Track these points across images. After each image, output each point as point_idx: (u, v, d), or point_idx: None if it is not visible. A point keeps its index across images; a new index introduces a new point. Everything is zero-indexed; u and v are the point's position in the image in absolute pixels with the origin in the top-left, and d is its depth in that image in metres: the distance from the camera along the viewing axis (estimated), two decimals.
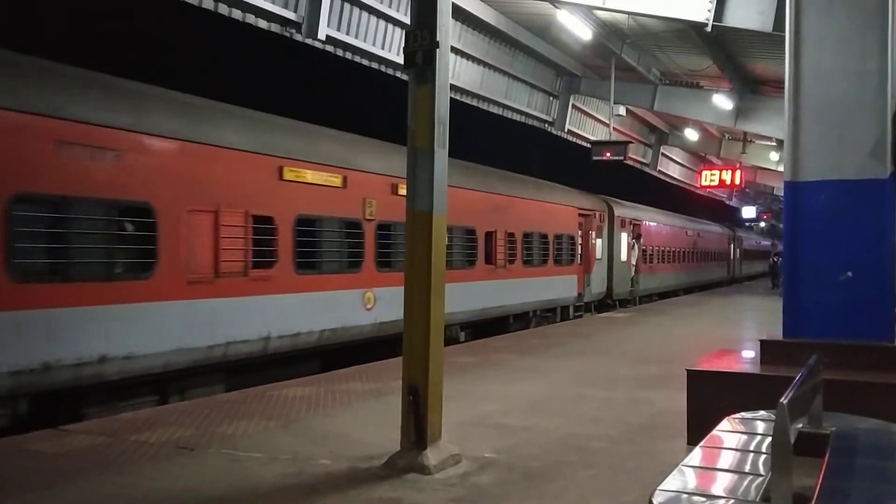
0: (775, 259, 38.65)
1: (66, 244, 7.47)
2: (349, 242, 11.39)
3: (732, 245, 43.80)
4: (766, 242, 60.71)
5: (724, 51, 17.67)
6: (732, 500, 3.47)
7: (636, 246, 25.32)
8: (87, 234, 7.71)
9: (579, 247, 20.44)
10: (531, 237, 17.48)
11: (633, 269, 25.07)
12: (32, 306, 7.10)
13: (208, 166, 8.95)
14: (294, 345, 10.31)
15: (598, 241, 21.84)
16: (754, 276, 49.23)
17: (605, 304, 22.96)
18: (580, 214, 20.65)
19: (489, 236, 15.53)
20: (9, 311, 6.87)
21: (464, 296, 14.12)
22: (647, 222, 26.83)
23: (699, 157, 37.22)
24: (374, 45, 14.93)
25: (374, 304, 11.68)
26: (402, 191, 10.94)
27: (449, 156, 5.82)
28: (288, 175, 10.14)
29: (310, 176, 10.53)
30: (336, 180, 11.01)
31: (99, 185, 7.74)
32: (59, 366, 7.31)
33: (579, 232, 20.49)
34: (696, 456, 4.08)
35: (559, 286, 19.05)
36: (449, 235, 12.98)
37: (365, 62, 15.31)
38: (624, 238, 23.93)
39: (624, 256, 24.01)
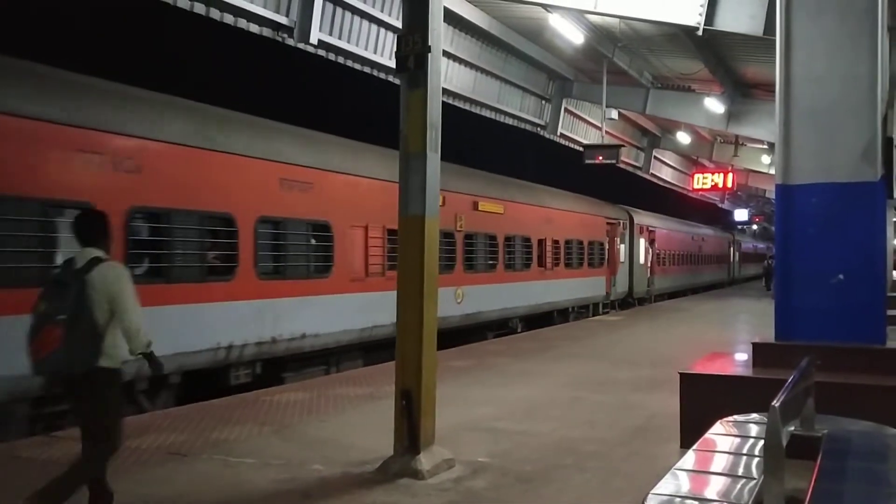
0: (769, 261, 38.87)
1: (285, 252, 10.44)
2: (446, 249, 14.06)
3: (732, 248, 46.40)
4: (762, 246, 60.92)
5: (716, 54, 17.72)
6: None
7: (651, 250, 28.02)
8: (296, 244, 10.72)
9: (607, 252, 23.40)
10: (571, 244, 20.68)
11: (648, 271, 27.76)
12: (267, 297, 10.03)
13: (361, 192, 11.96)
14: None
15: (622, 247, 24.88)
16: (751, 278, 50.81)
17: (627, 301, 25.62)
18: (608, 223, 23.63)
19: (541, 243, 18.70)
20: (256, 300, 9.85)
21: (523, 294, 17.46)
22: (661, 229, 29.71)
23: (691, 161, 37.29)
24: (366, 49, 14.91)
25: (463, 299, 14.88)
26: (482, 206, 15.75)
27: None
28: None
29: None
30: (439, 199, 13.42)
31: (302, 209, 10.72)
32: (280, 339, 10.26)
33: (607, 238, 23.45)
34: (689, 459, 4.08)
35: (592, 286, 22.36)
36: (512, 243, 17.24)
37: (357, 66, 15.30)
38: (642, 243, 26.90)
39: (642, 260, 27.05)
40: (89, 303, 4.25)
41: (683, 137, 28.74)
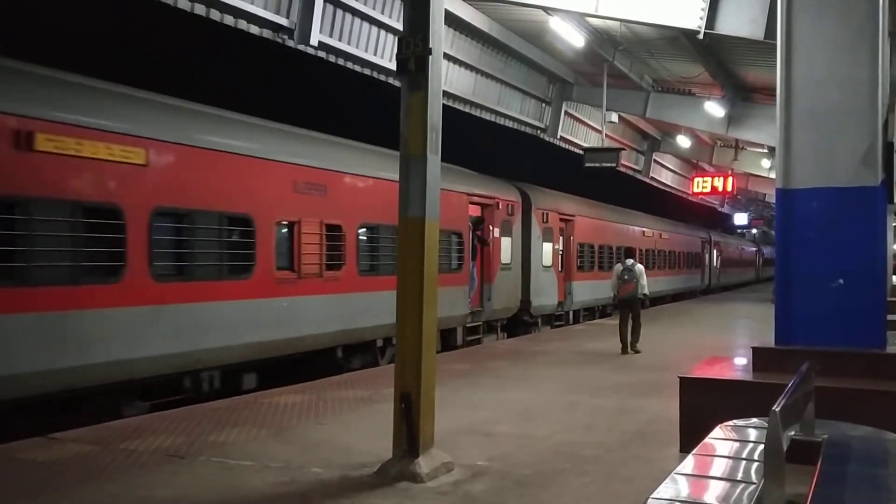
0: None
1: (600, 259, 22.18)
2: (661, 257, 28.34)
3: (758, 255, 60.78)
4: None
5: (716, 58, 17.74)
6: None
7: (718, 257, 41.34)
8: (607, 255, 22.80)
9: (700, 258, 36.82)
10: (689, 254, 34.07)
11: (717, 271, 41.04)
12: (594, 280, 21.00)
13: (613, 230, 23.83)
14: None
15: (706, 255, 38.29)
16: (770, 278, 56.16)
17: (706, 290, 37.74)
18: (701, 240, 37.11)
19: (680, 254, 31.90)
20: (592, 281, 21.09)
21: (675, 282, 31.09)
22: (723, 243, 43.38)
23: (691, 164, 37.32)
24: (366, 51, 14.91)
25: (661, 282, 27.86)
26: (663, 236, 30.64)
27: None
28: (645, 233, 26.72)
29: (647, 232, 27.04)
30: (650, 233, 27.31)
31: (610, 239, 23.25)
32: (592, 299, 21.61)
33: (700, 250, 36.97)
34: (688, 464, 4.06)
35: (695, 280, 35.87)
36: (674, 253, 31.51)
37: (357, 68, 15.29)
38: (714, 253, 40.02)
39: (715, 264, 40.44)
40: (637, 275, 13.18)
41: (683, 141, 28.76)
